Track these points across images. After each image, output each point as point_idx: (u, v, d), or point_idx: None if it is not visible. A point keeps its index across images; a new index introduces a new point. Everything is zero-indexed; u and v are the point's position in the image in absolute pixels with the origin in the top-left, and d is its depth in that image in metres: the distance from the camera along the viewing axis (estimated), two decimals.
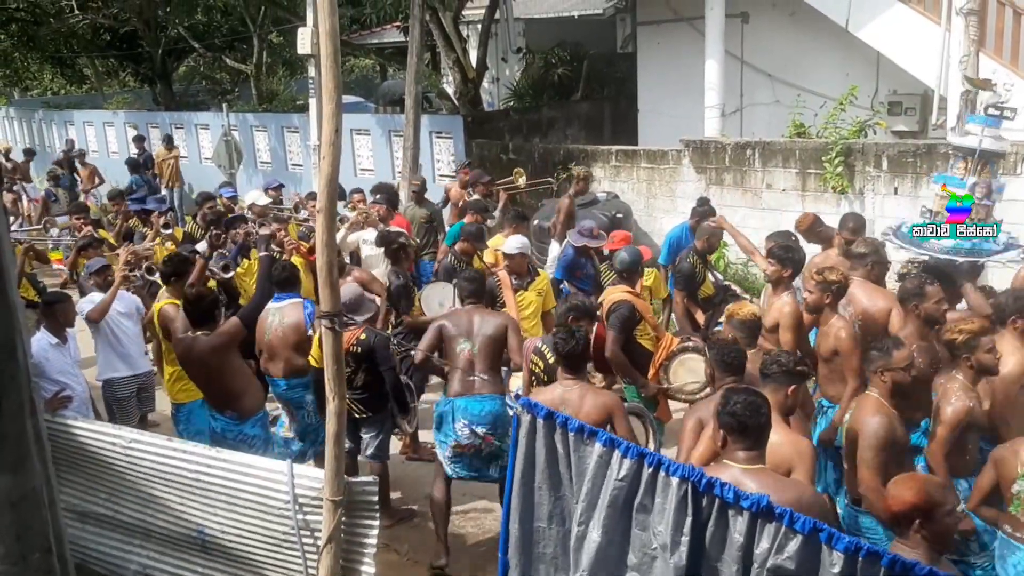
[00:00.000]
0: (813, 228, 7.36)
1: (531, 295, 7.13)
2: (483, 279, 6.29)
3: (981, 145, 6.32)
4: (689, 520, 3.30)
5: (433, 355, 5.78)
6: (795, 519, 3.03)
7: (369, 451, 6.15)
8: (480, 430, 5.54)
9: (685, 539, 3.31)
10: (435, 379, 6.94)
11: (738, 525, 3.19)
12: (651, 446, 5.53)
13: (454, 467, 5.70)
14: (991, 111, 6.44)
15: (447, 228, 9.60)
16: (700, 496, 3.29)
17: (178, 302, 6.21)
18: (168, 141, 17.20)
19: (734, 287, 8.85)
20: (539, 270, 7.55)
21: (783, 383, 4.14)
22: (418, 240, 9.28)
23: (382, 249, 7.91)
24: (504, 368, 6.02)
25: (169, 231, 8.99)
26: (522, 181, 10.85)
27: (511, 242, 7.26)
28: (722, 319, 6.74)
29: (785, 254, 6.08)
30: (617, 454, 3.58)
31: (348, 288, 6.08)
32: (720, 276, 8.48)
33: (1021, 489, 4.03)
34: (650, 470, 3.47)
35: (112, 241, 9.44)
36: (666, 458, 3.47)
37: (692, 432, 4.36)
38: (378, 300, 6.76)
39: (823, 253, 7.05)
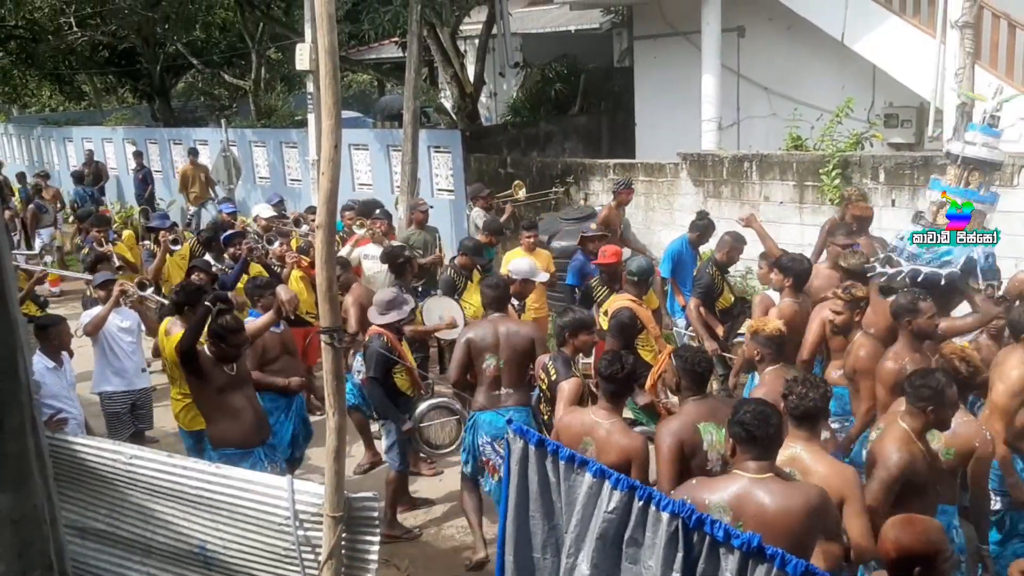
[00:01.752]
0: (856, 215, 7.43)
1: (529, 314, 7.16)
2: (507, 286, 6.21)
3: (983, 155, 6.36)
4: (680, 556, 3.26)
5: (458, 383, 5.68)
6: (787, 561, 2.98)
7: (384, 454, 6.19)
8: (501, 446, 5.50)
9: (676, 575, 3.28)
10: None
11: (729, 564, 3.15)
12: None
13: (486, 482, 5.72)
14: (990, 120, 6.48)
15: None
16: (691, 532, 3.24)
17: None
18: (194, 154, 16.69)
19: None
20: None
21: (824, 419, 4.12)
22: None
23: (385, 266, 7.95)
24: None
25: (178, 247, 9.00)
26: (522, 194, 10.89)
27: (521, 267, 7.19)
28: (741, 330, 6.76)
29: (789, 264, 6.16)
30: (607, 485, 3.52)
31: (388, 290, 6.44)
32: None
33: None
34: (640, 504, 3.42)
35: (128, 257, 9.48)
36: (656, 492, 3.43)
37: (674, 457, 4.19)
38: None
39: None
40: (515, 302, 6.94)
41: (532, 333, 5.83)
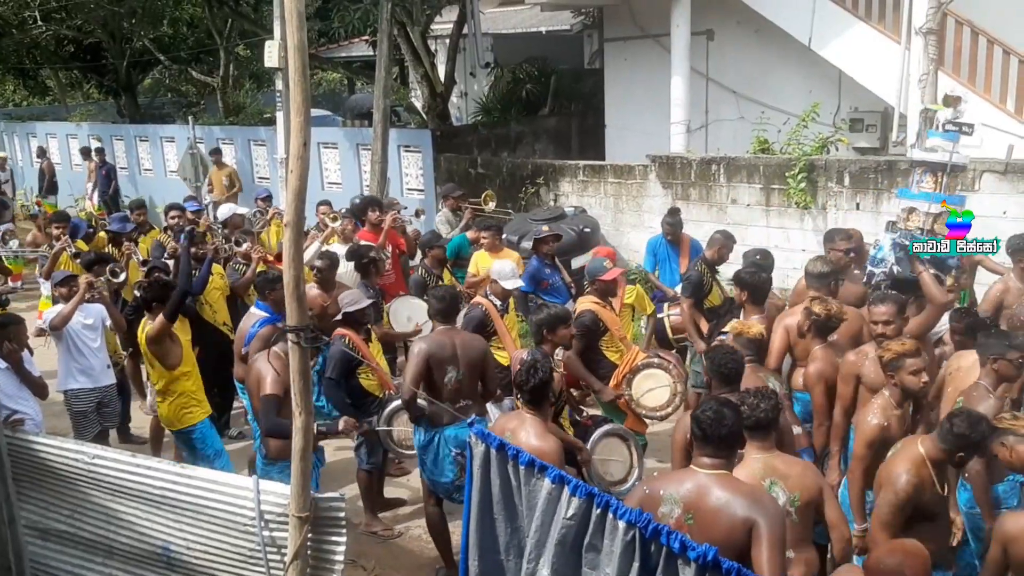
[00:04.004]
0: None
1: (513, 316, 7.15)
2: (456, 297, 6.09)
3: (951, 159, 6.46)
4: (636, 565, 3.27)
5: (419, 392, 5.49)
6: (743, 574, 3.01)
7: (353, 451, 6.25)
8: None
9: None
10: None
11: (686, 575, 3.16)
12: (635, 469, 5.58)
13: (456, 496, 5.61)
14: (950, 126, 6.59)
15: None
16: (648, 542, 3.25)
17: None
18: (217, 154, 15.78)
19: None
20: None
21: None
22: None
23: (351, 265, 7.90)
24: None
25: (143, 268, 8.79)
26: (491, 206, 10.79)
27: (504, 269, 7.15)
28: (726, 330, 6.80)
29: (747, 277, 6.11)
30: (566, 492, 3.53)
31: (353, 291, 6.47)
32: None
33: None
34: (598, 511, 3.43)
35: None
36: (614, 500, 3.43)
37: (681, 449, 4.36)
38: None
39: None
40: (498, 302, 6.91)
41: (483, 344, 5.79)
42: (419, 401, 5.47)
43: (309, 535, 3.91)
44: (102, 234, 10.57)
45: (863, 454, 4.53)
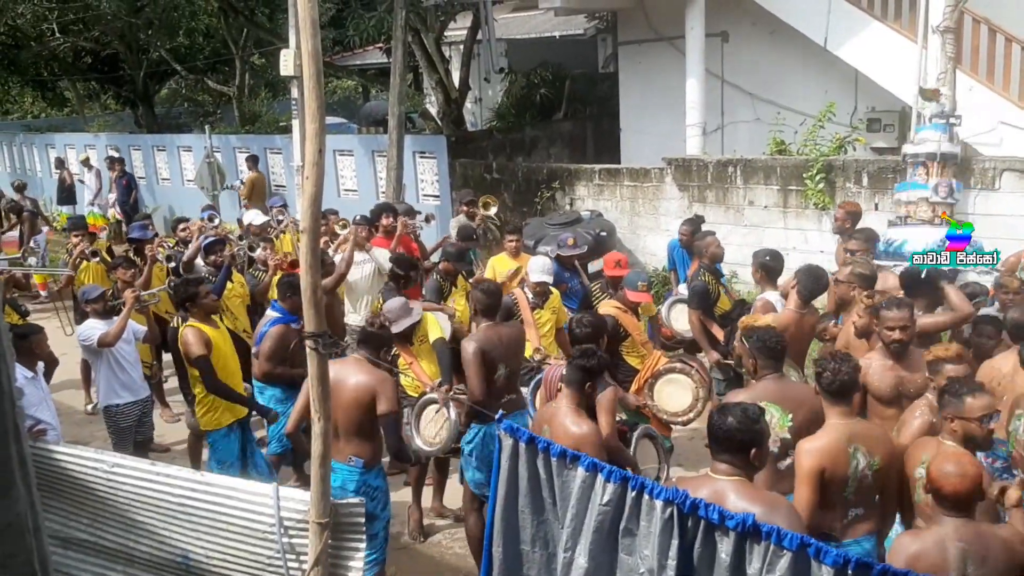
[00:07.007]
0: (850, 211, 7.46)
1: (546, 313, 7.10)
2: (501, 293, 6.07)
3: (940, 149, 6.46)
4: (675, 543, 3.28)
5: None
6: (783, 536, 3.02)
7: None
8: None
9: (672, 563, 3.29)
10: None
11: (725, 546, 3.18)
12: (664, 469, 5.55)
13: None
14: (936, 119, 6.59)
15: None
16: (685, 518, 3.27)
17: (200, 325, 6.13)
18: (253, 161, 16.11)
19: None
20: (551, 288, 7.50)
21: None
22: None
23: (367, 272, 7.94)
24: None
25: (172, 263, 8.91)
26: (492, 211, 10.74)
27: (537, 265, 7.19)
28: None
29: (806, 280, 5.98)
30: (600, 478, 3.55)
31: (396, 300, 6.50)
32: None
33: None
34: (634, 494, 3.44)
35: (107, 258, 9.45)
36: (649, 481, 3.45)
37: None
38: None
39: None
40: (531, 296, 6.97)
41: (521, 333, 5.83)
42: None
43: (329, 541, 3.91)
44: (102, 240, 10.71)
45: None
